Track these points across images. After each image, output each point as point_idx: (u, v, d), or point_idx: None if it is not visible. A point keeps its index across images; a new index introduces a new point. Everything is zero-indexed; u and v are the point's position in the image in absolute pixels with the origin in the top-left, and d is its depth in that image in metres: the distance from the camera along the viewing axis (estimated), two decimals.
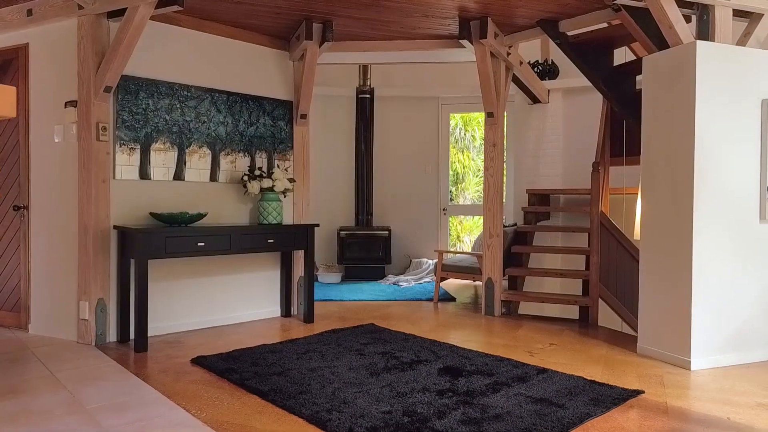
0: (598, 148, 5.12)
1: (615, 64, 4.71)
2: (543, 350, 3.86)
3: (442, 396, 2.86)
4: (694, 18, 3.71)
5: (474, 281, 5.56)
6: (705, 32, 3.58)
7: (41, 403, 2.80)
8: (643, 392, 2.98)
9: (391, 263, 7.30)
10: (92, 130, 3.87)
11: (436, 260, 6.92)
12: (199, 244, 3.98)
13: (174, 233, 3.87)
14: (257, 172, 4.53)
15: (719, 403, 2.87)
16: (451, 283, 6.87)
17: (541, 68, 6.49)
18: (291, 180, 4.67)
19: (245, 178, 4.50)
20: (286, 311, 4.89)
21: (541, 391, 2.94)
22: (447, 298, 5.92)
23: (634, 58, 4.87)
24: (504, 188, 5.39)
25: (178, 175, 4.30)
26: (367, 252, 7.20)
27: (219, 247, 4.10)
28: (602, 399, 2.84)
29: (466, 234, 10.68)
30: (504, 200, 5.21)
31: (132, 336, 3.98)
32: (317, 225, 4.70)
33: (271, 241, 4.39)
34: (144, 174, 4.13)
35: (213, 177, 4.49)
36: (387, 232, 7.21)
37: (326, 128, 7.55)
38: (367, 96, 7.39)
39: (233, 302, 4.63)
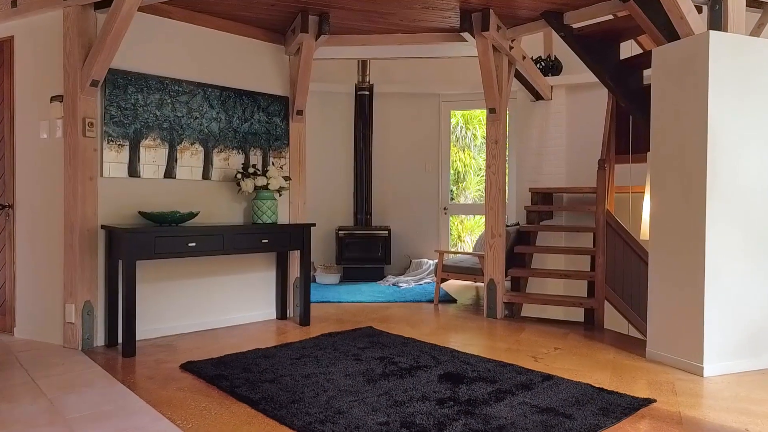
0: (603, 145, 4.96)
1: (621, 58, 4.55)
2: (548, 355, 3.70)
3: (442, 405, 2.71)
4: (705, 9, 3.55)
5: (475, 282, 5.40)
6: (717, 23, 3.42)
7: (19, 412, 2.65)
8: (655, 401, 2.82)
9: (390, 264, 7.14)
10: (78, 126, 3.71)
11: (436, 261, 6.77)
12: (190, 244, 3.83)
13: (164, 233, 3.72)
14: (251, 170, 4.37)
15: (735, 413, 2.71)
16: (452, 284, 6.72)
17: (543, 64, 6.33)
18: (286, 178, 4.52)
19: (239, 176, 4.35)
20: (282, 313, 4.74)
21: (547, 400, 2.79)
22: (448, 299, 5.77)
23: (641, 51, 4.71)
24: (506, 187, 5.23)
25: (169, 173, 4.15)
26: (366, 252, 7.05)
27: (211, 247, 3.94)
28: (612, 409, 2.68)
29: (467, 233, 10.54)
30: (506, 199, 5.06)
31: (120, 340, 3.83)
32: (313, 225, 4.55)
33: (266, 241, 4.23)
34: (133, 171, 3.97)
35: (205, 175, 4.34)
36: (386, 232, 7.06)
37: (324, 126, 7.39)
38: (366, 92, 7.22)
39: (227, 304, 4.48)
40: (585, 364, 3.51)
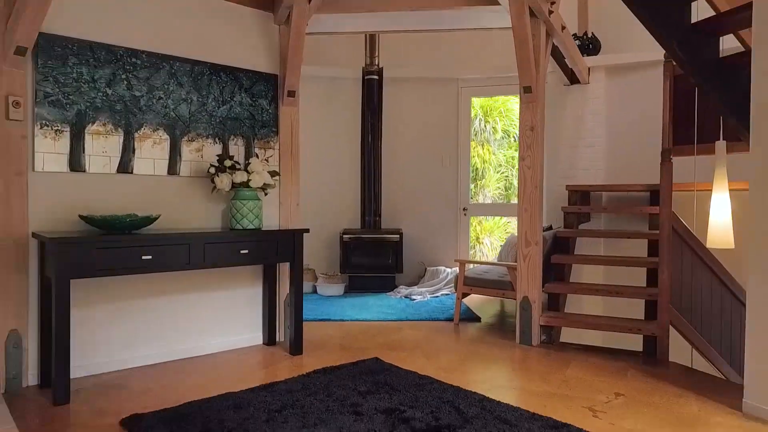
0: (664, 133, 4.04)
1: (693, 22, 3.63)
2: (609, 405, 2.81)
3: None
4: None
5: (504, 296, 4.50)
6: None
7: None
8: None
9: (402, 272, 6.27)
10: (0, 106, 2.90)
11: (454, 269, 5.91)
12: (144, 257, 2.99)
13: (108, 244, 2.88)
14: (228, 163, 3.53)
15: None
16: (474, 297, 5.83)
17: (579, 43, 5.43)
18: (273, 173, 3.67)
19: (212, 170, 3.51)
20: (270, 338, 3.89)
21: None
22: (469, 316, 4.88)
23: (714, 14, 3.78)
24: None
25: (124, 167, 3.32)
26: (374, 259, 6.19)
27: (172, 261, 3.10)
28: None
29: (485, 235, 9.66)
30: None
31: None
32: (307, 230, 3.70)
33: (246, 251, 3.39)
34: (76, 165, 3.14)
35: (172, 169, 3.50)
36: (398, 236, 6.18)
37: (328, 115, 6.54)
38: (375, 77, 6.35)
39: (201, 328, 3.65)
40: (663, 421, 2.61)
